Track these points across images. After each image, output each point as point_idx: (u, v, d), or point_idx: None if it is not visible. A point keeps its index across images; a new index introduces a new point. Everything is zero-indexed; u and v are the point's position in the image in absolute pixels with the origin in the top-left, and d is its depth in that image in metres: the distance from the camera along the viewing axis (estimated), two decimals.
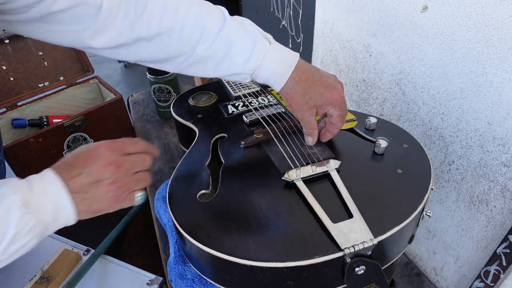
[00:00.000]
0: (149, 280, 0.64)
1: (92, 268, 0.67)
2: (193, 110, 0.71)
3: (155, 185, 0.79)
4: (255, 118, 0.63)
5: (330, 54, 0.98)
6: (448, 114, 0.63)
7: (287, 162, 0.52)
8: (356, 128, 0.60)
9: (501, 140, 0.55)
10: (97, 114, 1.10)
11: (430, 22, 0.62)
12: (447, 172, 0.67)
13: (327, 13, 0.95)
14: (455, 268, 0.71)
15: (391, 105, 0.78)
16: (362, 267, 0.40)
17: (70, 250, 0.68)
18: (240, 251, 0.40)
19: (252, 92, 0.74)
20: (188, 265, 0.56)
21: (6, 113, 1.12)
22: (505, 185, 0.56)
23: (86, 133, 1.10)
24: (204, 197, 0.49)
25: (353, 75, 0.89)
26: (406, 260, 0.79)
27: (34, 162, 1.01)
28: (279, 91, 0.52)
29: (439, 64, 0.62)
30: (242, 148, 0.57)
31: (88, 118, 1.08)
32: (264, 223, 0.44)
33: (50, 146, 1.03)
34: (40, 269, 0.65)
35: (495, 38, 0.52)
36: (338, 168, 0.50)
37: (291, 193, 0.48)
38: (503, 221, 0.58)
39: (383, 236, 0.41)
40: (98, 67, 2.82)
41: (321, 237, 0.41)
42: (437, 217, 0.72)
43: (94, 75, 1.29)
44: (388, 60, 0.75)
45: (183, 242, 0.47)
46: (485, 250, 0.63)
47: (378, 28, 0.75)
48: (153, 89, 0.94)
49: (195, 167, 0.55)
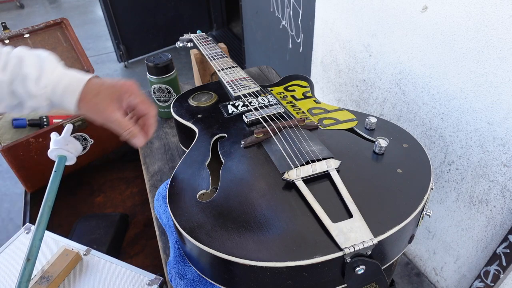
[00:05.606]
0: (149, 280, 0.64)
1: (92, 268, 0.67)
2: (193, 110, 0.71)
3: (155, 185, 0.79)
4: (255, 118, 0.63)
5: (330, 54, 0.98)
6: (448, 114, 0.63)
7: (287, 162, 0.52)
8: (356, 128, 0.60)
9: (501, 140, 0.55)
10: None
11: (430, 22, 0.62)
12: (447, 172, 0.67)
13: (327, 13, 0.95)
14: (455, 268, 0.71)
15: (391, 105, 0.78)
16: (362, 266, 0.40)
17: (70, 250, 0.68)
18: (240, 251, 0.41)
19: (252, 92, 0.74)
20: (188, 265, 0.56)
21: (6, 113, 1.12)
22: (505, 185, 0.56)
23: (86, 133, 1.10)
24: (204, 197, 0.49)
25: (353, 75, 0.89)
26: (406, 260, 0.79)
27: (34, 162, 1.02)
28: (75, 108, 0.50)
29: (439, 64, 0.62)
30: (242, 148, 0.57)
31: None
32: (264, 222, 0.44)
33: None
34: (40, 269, 0.65)
35: (495, 38, 0.52)
36: (338, 168, 0.50)
37: (291, 193, 0.48)
38: (503, 221, 0.58)
39: (383, 235, 0.41)
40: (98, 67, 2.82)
41: (321, 236, 0.41)
42: (437, 217, 0.72)
43: (94, 75, 1.29)
44: (388, 60, 0.75)
45: (183, 242, 0.47)
46: (485, 250, 0.63)
47: (378, 28, 0.75)
48: (153, 89, 0.94)
49: (195, 167, 0.55)
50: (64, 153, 0.63)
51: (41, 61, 0.48)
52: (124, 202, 1.23)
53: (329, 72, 1.01)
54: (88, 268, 0.67)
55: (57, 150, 0.63)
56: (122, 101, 0.50)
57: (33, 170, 1.03)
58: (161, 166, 0.84)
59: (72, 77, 0.49)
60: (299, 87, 0.76)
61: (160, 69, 0.90)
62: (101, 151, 1.15)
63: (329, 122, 0.62)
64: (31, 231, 0.75)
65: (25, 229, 0.75)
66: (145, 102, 0.51)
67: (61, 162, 0.63)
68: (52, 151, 0.63)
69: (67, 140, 0.65)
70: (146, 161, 0.87)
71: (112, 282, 0.65)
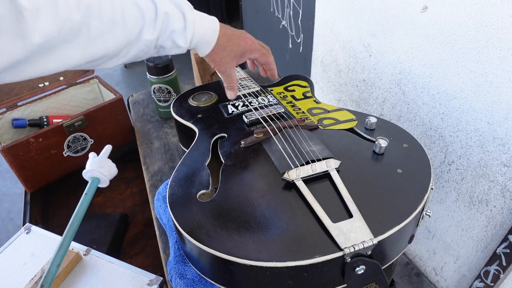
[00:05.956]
0: (149, 280, 0.64)
1: (92, 268, 0.67)
2: (193, 110, 0.71)
3: (155, 185, 0.79)
4: (255, 118, 0.63)
5: (330, 54, 0.98)
6: (448, 114, 0.63)
7: (287, 162, 0.52)
8: (356, 128, 0.61)
9: (501, 140, 0.55)
10: (97, 114, 1.10)
11: (430, 22, 0.62)
12: (447, 172, 0.67)
13: (327, 13, 0.95)
14: (455, 268, 0.71)
15: (391, 105, 0.78)
16: (362, 266, 0.40)
17: (70, 250, 0.68)
18: (240, 251, 0.41)
19: (252, 92, 0.74)
20: (188, 265, 0.56)
21: (6, 113, 1.12)
22: (505, 185, 0.56)
23: (86, 133, 1.10)
24: (204, 197, 0.49)
25: (353, 75, 0.89)
26: (406, 260, 0.79)
27: (34, 162, 1.02)
28: (206, 54, 0.55)
29: (439, 64, 0.62)
30: (242, 148, 0.57)
31: (88, 118, 1.08)
32: (264, 222, 0.44)
33: (50, 146, 1.03)
34: (40, 269, 0.65)
35: (495, 38, 0.52)
36: (338, 168, 0.50)
37: (291, 193, 0.48)
38: (503, 221, 0.58)
39: (383, 235, 0.41)
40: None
41: (321, 236, 0.41)
42: (437, 217, 0.72)
43: (94, 75, 1.29)
44: (388, 60, 0.75)
45: (183, 242, 0.47)
46: (485, 250, 0.63)
47: (378, 28, 0.75)
48: (153, 89, 0.94)
49: (195, 167, 0.55)
50: (97, 175, 0.62)
51: (183, 13, 0.49)
52: (124, 202, 1.23)
53: (329, 72, 1.01)
54: (88, 268, 0.67)
55: (91, 171, 0.62)
56: (244, 57, 0.59)
57: (33, 170, 1.03)
58: (161, 166, 0.84)
59: (207, 27, 0.52)
60: (299, 87, 0.76)
61: (160, 69, 0.90)
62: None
63: (329, 122, 0.62)
64: (31, 231, 0.75)
65: (25, 229, 0.75)
66: (264, 54, 0.62)
67: (93, 184, 0.62)
68: (86, 172, 0.62)
69: (103, 162, 0.64)
70: (146, 161, 0.87)
71: (112, 282, 0.65)
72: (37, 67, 0.39)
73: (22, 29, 0.35)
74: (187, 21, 0.49)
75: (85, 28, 0.40)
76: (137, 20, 0.45)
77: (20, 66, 0.38)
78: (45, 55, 0.39)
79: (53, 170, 1.07)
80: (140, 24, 0.45)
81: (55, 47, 0.39)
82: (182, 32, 0.50)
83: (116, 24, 0.43)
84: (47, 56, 0.39)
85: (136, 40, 0.46)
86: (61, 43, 0.39)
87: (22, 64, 0.37)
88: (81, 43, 0.41)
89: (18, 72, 0.38)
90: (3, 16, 0.34)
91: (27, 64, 0.38)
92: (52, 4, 0.37)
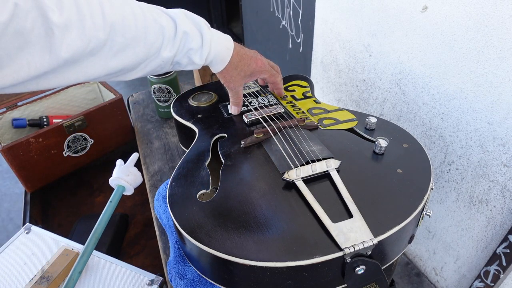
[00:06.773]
0: (149, 280, 0.64)
1: (92, 268, 0.67)
2: (193, 110, 0.71)
3: (155, 185, 0.79)
4: (255, 118, 0.63)
5: (330, 54, 0.98)
6: (448, 114, 0.63)
7: (287, 162, 0.52)
8: (356, 128, 0.60)
9: (501, 140, 0.55)
10: (97, 114, 1.10)
11: (430, 22, 0.62)
12: (447, 172, 0.67)
13: (327, 13, 0.95)
14: (455, 268, 0.71)
15: (391, 105, 0.78)
16: (362, 266, 0.40)
17: (70, 250, 0.68)
18: (240, 251, 0.40)
19: (252, 92, 0.74)
20: (188, 265, 0.56)
21: (6, 113, 1.12)
22: (505, 185, 0.56)
23: (86, 133, 1.10)
24: (204, 197, 0.49)
25: (353, 75, 0.89)
26: (406, 260, 0.79)
27: (34, 162, 1.02)
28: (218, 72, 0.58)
29: (439, 64, 0.62)
30: (242, 148, 0.57)
31: (88, 118, 1.08)
32: (264, 223, 0.44)
33: (50, 146, 1.03)
34: (40, 269, 0.65)
35: (495, 38, 0.52)
36: (338, 168, 0.50)
37: (291, 193, 0.48)
38: (503, 221, 0.58)
39: (383, 235, 0.41)
40: None
41: (321, 236, 0.41)
42: (437, 217, 0.72)
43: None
44: (388, 60, 0.75)
45: (183, 242, 0.47)
46: (485, 250, 0.63)
47: (378, 28, 0.75)
48: (153, 89, 0.94)
49: (195, 167, 0.55)
50: (123, 184, 0.64)
51: (200, 32, 0.51)
52: (124, 202, 1.23)
53: (329, 72, 1.01)
54: (88, 268, 0.67)
55: (118, 179, 0.63)
56: (254, 77, 0.62)
57: (33, 170, 1.03)
58: (161, 166, 0.84)
59: (222, 46, 0.54)
60: (299, 87, 0.76)
61: None
62: (101, 151, 1.15)
63: (329, 122, 0.62)
64: (31, 231, 0.75)
65: (25, 229, 0.75)
66: (273, 75, 0.66)
67: (118, 192, 0.63)
68: (113, 180, 0.64)
69: (129, 170, 0.65)
70: (146, 161, 0.87)
71: (112, 282, 0.65)
72: (59, 78, 0.41)
73: (51, 44, 0.37)
74: (204, 40, 0.51)
75: (108, 43, 0.42)
76: (157, 37, 0.46)
77: (44, 77, 0.39)
78: (69, 68, 0.40)
79: (53, 170, 1.07)
80: (160, 41, 0.47)
81: (79, 60, 0.41)
82: (198, 50, 0.51)
83: (138, 40, 0.45)
84: (71, 69, 0.41)
85: (154, 56, 0.48)
86: (86, 56, 0.41)
87: (46, 75, 0.39)
88: (103, 57, 0.43)
89: (42, 82, 0.40)
90: (34, 30, 0.35)
91: (51, 75, 0.40)
92: (80, 22, 0.39)
